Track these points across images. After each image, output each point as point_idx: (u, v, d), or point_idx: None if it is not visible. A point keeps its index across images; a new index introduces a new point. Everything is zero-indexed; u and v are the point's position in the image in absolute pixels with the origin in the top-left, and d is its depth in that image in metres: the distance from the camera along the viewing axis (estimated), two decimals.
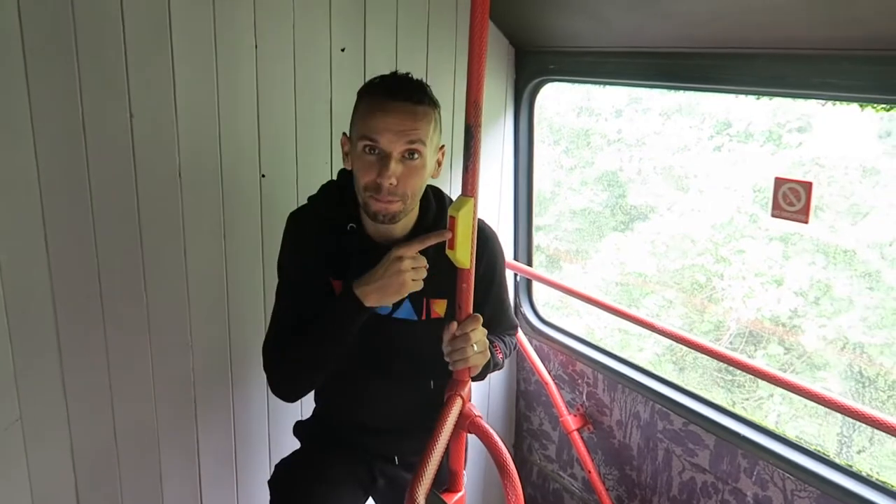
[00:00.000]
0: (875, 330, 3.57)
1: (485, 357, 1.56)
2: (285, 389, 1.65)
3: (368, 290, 1.50)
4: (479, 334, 1.51)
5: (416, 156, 1.49)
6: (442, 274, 1.53)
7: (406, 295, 1.52)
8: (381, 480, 1.81)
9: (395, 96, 1.47)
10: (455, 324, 1.50)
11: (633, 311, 2.34)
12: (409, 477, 1.74)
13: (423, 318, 1.67)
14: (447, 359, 1.52)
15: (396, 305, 1.64)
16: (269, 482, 1.79)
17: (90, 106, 1.75)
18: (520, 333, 2.65)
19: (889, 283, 3.57)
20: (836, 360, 3.75)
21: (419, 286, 1.52)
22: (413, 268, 1.49)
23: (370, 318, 1.58)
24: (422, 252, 1.55)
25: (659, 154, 4.86)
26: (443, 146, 1.60)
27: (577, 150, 5.38)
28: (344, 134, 1.61)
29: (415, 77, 1.53)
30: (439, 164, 1.60)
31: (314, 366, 1.61)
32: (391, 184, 1.47)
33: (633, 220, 4.92)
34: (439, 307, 1.67)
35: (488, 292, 1.72)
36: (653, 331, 2.20)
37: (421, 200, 1.62)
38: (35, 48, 1.65)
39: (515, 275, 2.71)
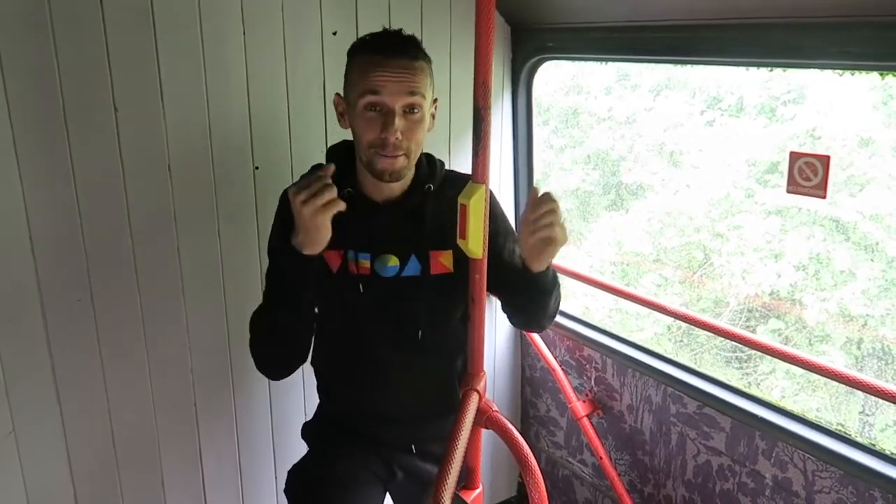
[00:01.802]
0: (877, 301, 3.56)
1: (566, 236, 1.44)
2: (264, 366, 1.65)
3: (297, 239, 1.44)
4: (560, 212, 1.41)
5: (416, 110, 1.49)
6: (443, 225, 1.50)
7: (325, 232, 1.42)
8: (401, 474, 1.76)
9: (392, 52, 1.46)
10: (537, 189, 1.44)
11: (642, 294, 2.29)
12: (428, 467, 1.75)
13: (430, 272, 1.63)
14: (531, 229, 1.42)
15: (403, 264, 1.61)
16: (285, 490, 1.74)
17: (71, 100, 1.66)
18: None
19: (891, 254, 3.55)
20: (838, 333, 3.74)
21: (328, 215, 1.41)
22: (305, 200, 1.38)
23: (379, 280, 1.59)
24: (419, 206, 1.60)
25: (651, 131, 4.81)
26: (436, 99, 1.60)
27: (566, 130, 5.31)
28: (337, 94, 1.58)
29: (405, 32, 1.53)
30: (433, 117, 1.60)
31: (280, 334, 1.59)
32: (397, 138, 1.47)
33: (627, 198, 4.87)
34: (445, 259, 1.63)
35: (495, 240, 1.63)
36: (664, 313, 2.16)
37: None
38: (7, 38, 1.55)
39: None
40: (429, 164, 1.67)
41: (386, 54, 1.46)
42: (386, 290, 1.61)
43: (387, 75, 1.44)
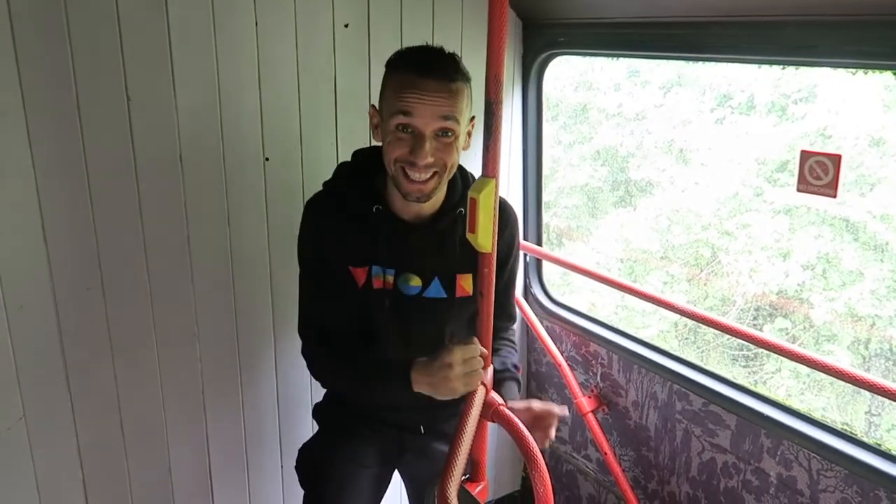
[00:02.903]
0: (885, 302, 3.54)
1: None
2: (321, 384, 1.73)
3: (421, 382, 1.47)
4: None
5: (449, 133, 1.46)
6: (468, 248, 1.49)
7: (459, 396, 1.45)
8: (409, 453, 1.80)
9: (429, 74, 1.42)
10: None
11: (651, 292, 2.29)
12: (437, 444, 1.79)
13: (453, 294, 1.65)
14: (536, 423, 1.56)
15: (426, 285, 1.62)
16: (296, 467, 1.80)
17: (85, 89, 1.67)
18: (531, 315, 2.61)
19: None
20: (845, 333, 3.73)
21: (474, 386, 1.44)
22: (465, 372, 1.42)
23: (401, 298, 1.59)
24: (449, 229, 1.59)
25: (660, 128, 4.79)
26: (473, 117, 1.56)
27: (575, 125, 5.30)
28: (373, 106, 1.56)
29: (447, 50, 1.50)
30: (469, 135, 1.57)
31: (349, 394, 1.75)
32: (426, 163, 1.45)
33: (635, 195, 4.86)
34: (466, 283, 1.65)
35: (500, 275, 1.66)
36: (671, 310, 2.15)
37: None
38: (22, 28, 1.56)
39: (525, 255, 2.65)
40: (463, 183, 1.65)
41: (422, 74, 1.42)
42: (409, 308, 1.60)
43: (420, 97, 1.41)
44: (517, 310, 1.94)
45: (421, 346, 1.65)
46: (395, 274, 1.60)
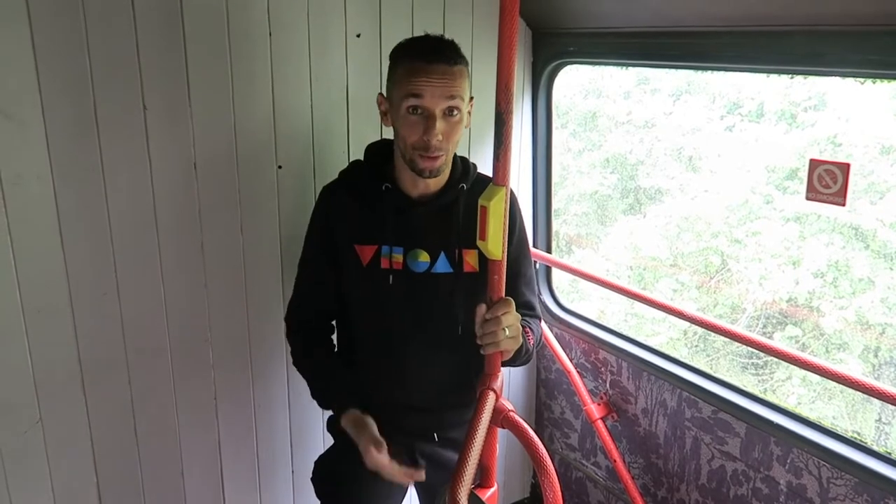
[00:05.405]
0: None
1: (516, 342, 1.55)
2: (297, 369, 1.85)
3: (347, 429, 1.64)
4: (510, 318, 1.49)
5: (455, 112, 1.58)
6: (472, 225, 1.53)
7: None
8: (423, 462, 1.81)
9: (434, 59, 1.54)
10: (484, 306, 1.49)
11: (660, 299, 2.30)
12: (449, 454, 1.82)
13: (459, 269, 1.73)
14: (479, 342, 1.51)
15: (433, 260, 1.71)
16: (312, 479, 1.82)
17: (102, 98, 1.70)
18: (542, 323, 2.61)
19: None
20: (856, 341, 3.71)
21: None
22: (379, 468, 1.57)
23: (411, 275, 1.69)
24: (452, 203, 1.70)
25: (669, 135, 4.79)
26: (472, 97, 1.66)
27: (585, 133, 5.31)
28: (381, 94, 1.68)
29: (445, 37, 1.62)
30: (469, 113, 1.67)
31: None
32: (438, 140, 1.56)
33: (645, 202, 4.86)
34: (471, 258, 1.73)
35: (510, 261, 1.70)
36: (681, 317, 2.16)
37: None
38: (42, 39, 1.60)
39: (535, 262, 2.66)
40: (463, 165, 1.77)
41: (428, 59, 1.54)
42: (417, 285, 1.70)
43: (429, 81, 1.53)
44: (537, 304, 1.89)
45: (429, 322, 1.73)
46: (402, 252, 1.70)
